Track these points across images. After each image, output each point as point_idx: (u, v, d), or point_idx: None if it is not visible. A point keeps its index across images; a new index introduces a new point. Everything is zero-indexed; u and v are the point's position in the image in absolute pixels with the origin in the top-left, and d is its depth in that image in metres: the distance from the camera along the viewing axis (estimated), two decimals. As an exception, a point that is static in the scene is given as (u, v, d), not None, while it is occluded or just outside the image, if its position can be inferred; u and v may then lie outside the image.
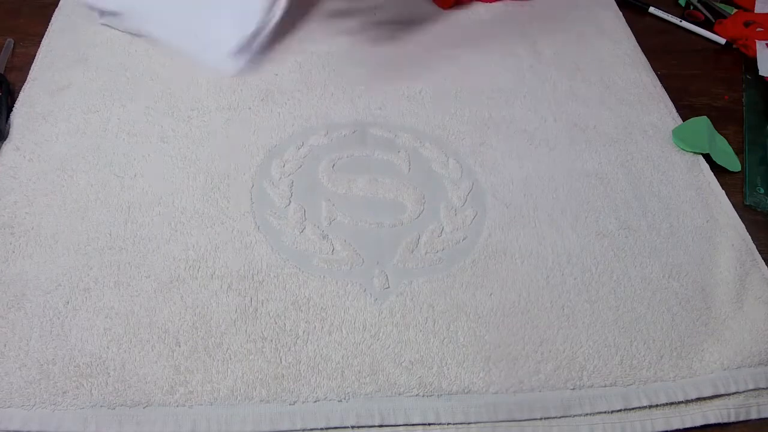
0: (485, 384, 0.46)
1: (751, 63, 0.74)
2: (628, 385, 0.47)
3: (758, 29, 0.77)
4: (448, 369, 0.47)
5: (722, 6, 0.81)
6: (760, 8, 0.80)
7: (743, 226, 0.57)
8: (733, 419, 0.47)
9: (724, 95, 0.71)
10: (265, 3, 0.60)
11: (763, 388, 0.48)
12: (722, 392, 0.47)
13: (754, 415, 0.47)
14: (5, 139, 0.59)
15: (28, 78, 0.64)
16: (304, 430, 0.44)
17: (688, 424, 0.47)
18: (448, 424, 0.45)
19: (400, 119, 0.64)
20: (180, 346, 0.47)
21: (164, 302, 0.49)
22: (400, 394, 0.46)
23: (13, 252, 0.51)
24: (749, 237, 0.56)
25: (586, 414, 0.46)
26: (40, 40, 0.68)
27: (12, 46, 0.69)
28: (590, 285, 0.52)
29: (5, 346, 0.46)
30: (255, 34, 0.61)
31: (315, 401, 0.45)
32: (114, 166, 0.57)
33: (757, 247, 0.56)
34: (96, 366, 0.45)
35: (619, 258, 0.54)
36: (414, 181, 0.59)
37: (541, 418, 0.46)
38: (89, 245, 0.52)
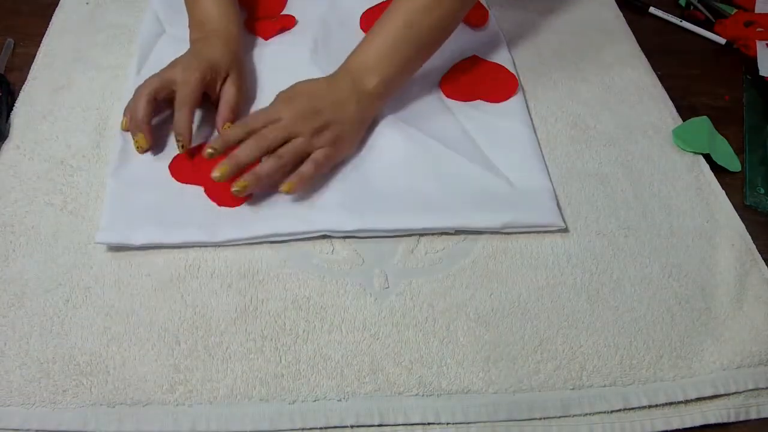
0: (485, 384, 0.46)
1: (751, 63, 0.74)
2: (627, 385, 0.47)
3: (758, 29, 0.77)
4: (447, 369, 0.47)
5: (722, 6, 0.81)
6: (760, 8, 0.80)
7: (743, 226, 0.57)
8: (732, 419, 0.47)
9: (724, 95, 0.71)
10: None
11: (763, 388, 0.48)
12: (722, 392, 0.47)
13: (753, 415, 0.47)
14: (6, 139, 0.59)
15: (28, 78, 0.65)
16: (303, 429, 0.44)
17: (688, 424, 0.47)
18: (448, 423, 0.45)
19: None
20: (180, 345, 0.47)
21: (164, 301, 0.49)
22: (399, 394, 0.46)
23: (14, 251, 0.51)
24: (749, 237, 0.56)
25: (586, 414, 0.46)
26: (40, 40, 0.69)
27: (12, 46, 0.69)
28: (590, 285, 0.52)
29: (5, 344, 0.46)
30: None
31: (314, 400, 0.45)
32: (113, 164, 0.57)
33: (757, 247, 0.56)
34: (96, 364, 0.45)
35: (619, 258, 0.54)
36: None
37: (540, 418, 0.46)
38: (89, 244, 0.52)
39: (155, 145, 0.57)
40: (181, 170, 0.56)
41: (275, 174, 0.53)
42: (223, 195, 0.54)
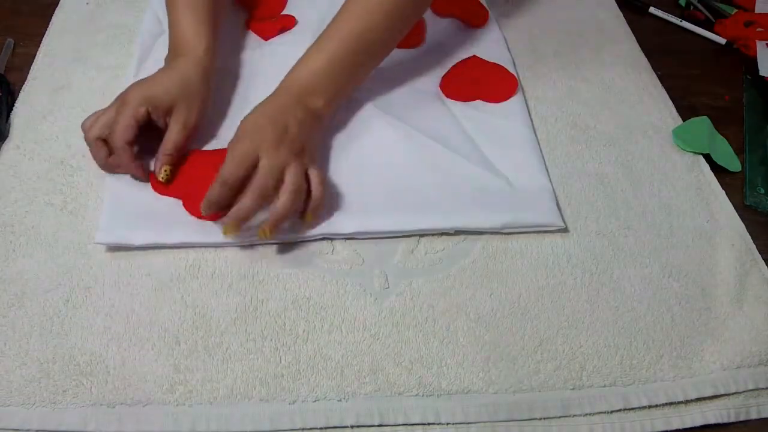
0: (485, 384, 0.46)
1: (751, 63, 0.74)
2: (627, 385, 0.47)
3: (758, 29, 0.77)
4: (447, 369, 0.47)
5: (722, 6, 0.81)
6: (760, 8, 0.80)
7: (743, 226, 0.57)
8: (732, 419, 0.47)
9: (724, 95, 0.71)
10: None
11: (763, 388, 0.48)
12: (722, 392, 0.47)
13: (753, 415, 0.47)
14: (6, 139, 0.59)
15: (28, 77, 0.65)
16: (303, 429, 0.44)
17: (688, 424, 0.47)
18: (448, 424, 0.45)
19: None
20: (180, 345, 0.47)
21: (164, 301, 0.49)
22: (399, 394, 0.46)
23: (14, 251, 0.51)
24: (749, 237, 0.56)
25: (586, 414, 0.46)
26: (40, 40, 0.69)
27: (12, 46, 0.69)
28: (590, 285, 0.52)
29: (5, 344, 0.46)
30: None
31: (314, 400, 0.45)
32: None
33: (757, 247, 0.56)
34: (96, 364, 0.45)
35: (619, 258, 0.54)
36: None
37: (540, 418, 0.46)
38: (89, 244, 0.52)
39: (150, 151, 0.57)
40: (160, 182, 0.55)
41: (293, 206, 0.51)
42: (200, 209, 0.52)
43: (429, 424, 0.45)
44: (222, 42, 0.68)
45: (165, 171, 0.54)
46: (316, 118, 0.56)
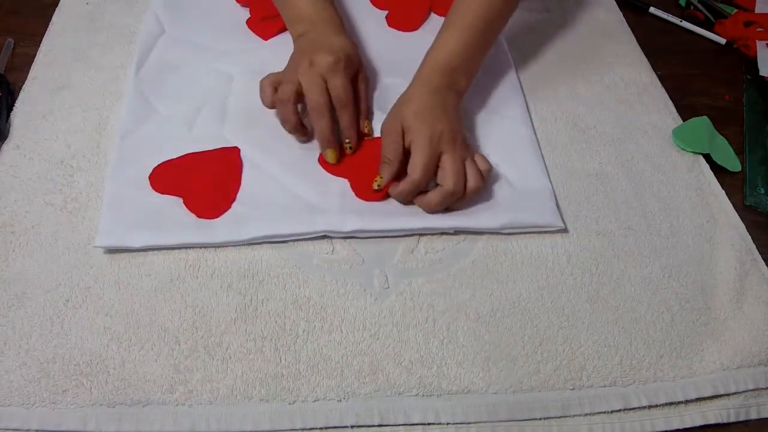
0: (485, 384, 0.46)
1: (751, 63, 0.74)
2: (627, 385, 0.47)
3: (758, 29, 0.77)
4: (447, 369, 0.47)
5: (722, 6, 0.81)
6: (760, 8, 0.80)
7: (743, 226, 0.57)
8: (732, 419, 0.47)
9: (724, 95, 0.71)
10: None
11: (763, 388, 0.48)
12: (722, 392, 0.47)
13: (753, 416, 0.48)
14: (5, 139, 0.59)
15: (28, 77, 0.65)
16: (303, 429, 0.44)
17: (688, 424, 0.47)
18: (448, 423, 0.45)
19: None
20: (180, 345, 0.47)
21: (164, 301, 0.49)
22: (399, 394, 0.46)
23: (14, 251, 0.51)
24: (749, 237, 0.56)
25: (586, 414, 0.46)
26: (40, 40, 0.69)
27: (12, 46, 0.69)
28: (590, 285, 0.52)
29: (5, 344, 0.46)
30: None
31: (314, 401, 0.45)
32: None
33: (757, 247, 0.56)
34: (96, 364, 0.45)
35: (619, 258, 0.54)
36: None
37: (540, 418, 0.46)
38: (89, 244, 0.52)
39: (150, 151, 0.57)
40: (160, 181, 0.55)
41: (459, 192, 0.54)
42: (200, 207, 0.53)
43: (429, 424, 0.45)
44: (221, 42, 0.69)
45: (367, 126, 0.59)
46: (461, 99, 0.59)
